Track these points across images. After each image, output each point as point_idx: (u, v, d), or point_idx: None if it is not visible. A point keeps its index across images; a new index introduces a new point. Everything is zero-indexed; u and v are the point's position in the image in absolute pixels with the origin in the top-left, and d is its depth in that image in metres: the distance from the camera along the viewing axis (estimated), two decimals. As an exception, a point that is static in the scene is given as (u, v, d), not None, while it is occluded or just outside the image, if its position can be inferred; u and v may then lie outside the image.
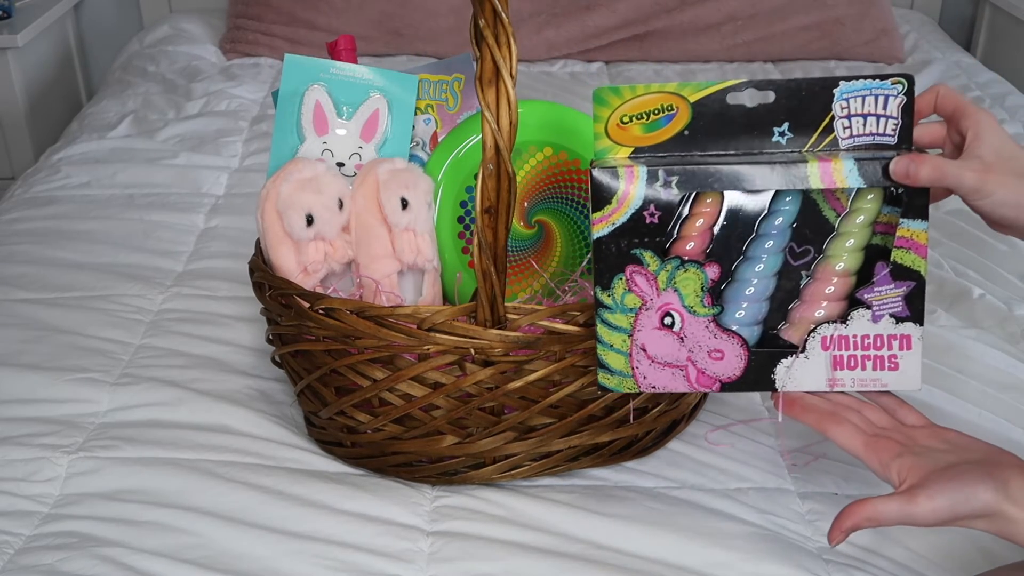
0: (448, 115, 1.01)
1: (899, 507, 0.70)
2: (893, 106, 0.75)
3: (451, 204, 0.94)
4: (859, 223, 0.77)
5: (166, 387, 1.02)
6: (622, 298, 0.77)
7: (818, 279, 0.78)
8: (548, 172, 0.95)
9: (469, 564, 0.82)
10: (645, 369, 0.79)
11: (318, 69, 0.96)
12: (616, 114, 0.77)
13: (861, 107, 0.75)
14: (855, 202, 0.77)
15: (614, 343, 0.78)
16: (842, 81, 0.75)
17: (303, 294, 0.87)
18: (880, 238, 0.77)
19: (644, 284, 0.77)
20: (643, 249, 0.76)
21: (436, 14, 2.06)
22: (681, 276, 0.77)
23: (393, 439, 0.90)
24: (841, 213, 0.77)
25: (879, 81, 0.75)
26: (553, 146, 0.94)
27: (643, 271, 0.77)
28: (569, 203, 0.96)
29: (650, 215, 0.76)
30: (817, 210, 0.77)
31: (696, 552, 0.84)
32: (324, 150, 0.96)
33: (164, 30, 2.15)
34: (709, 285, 0.77)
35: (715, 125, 0.77)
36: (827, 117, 0.76)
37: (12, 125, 2.04)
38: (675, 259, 0.77)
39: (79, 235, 1.35)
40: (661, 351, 0.78)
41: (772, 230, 0.78)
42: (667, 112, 0.77)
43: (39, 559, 0.81)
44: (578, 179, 0.95)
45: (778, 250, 0.78)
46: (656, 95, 0.77)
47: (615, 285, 0.77)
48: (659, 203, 0.75)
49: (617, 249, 0.76)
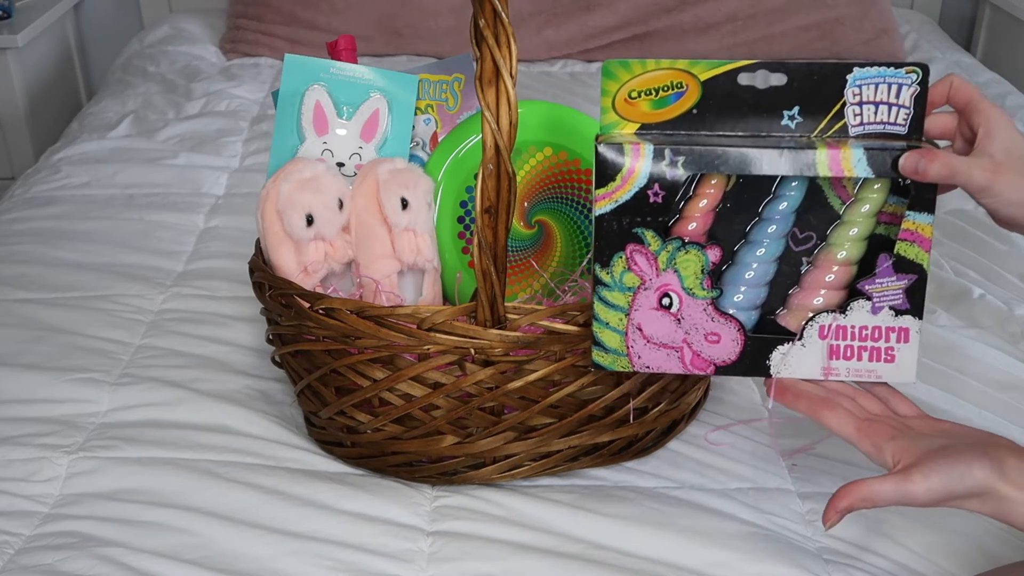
0: (448, 115, 1.01)
1: (894, 486, 0.69)
2: (906, 95, 0.74)
3: (451, 204, 0.94)
4: (864, 212, 0.76)
5: (166, 387, 1.02)
6: (621, 276, 0.76)
7: (819, 266, 0.78)
8: (548, 172, 0.95)
9: (469, 564, 0.82)
10: (640, 349, 0.78)
11: (318, 69, 0.96)
12: (624, 89, 0.76)
13: (874, 95, 0.74)
14: (861, 191, 0.76)
15: (610, 321, 0.78)
16: (856, 67, 0.74)
17: (303, 294, 0.87)
18: (884, 228, 0.76)
19: (644, 263, 0.76)
20: (645, 228, 0.75)
21: (436, 14, 2.06)
22: (682, 257, 0.76)
23: (393, 439, 0.90)
24: (847, 201, 0.76)
25: (894, 69, 0.74)
26: (553, 146, 0.94)
27: (643, 250, 0.76)
28: (569, 203, 0.96)
29: (654, 194, 0.74)
30: (823, 197, 0.77)
31: (696, 552, 0.84)
32: (324, 150, 0.96)
33: (164, 30, 2.15)
34: (710, 268, 0.76)
35: (725, 105, 0.75)
36: (839, 103, 0.75)
37: (12, 125, 2.04)
38: (676, 240, 0.76)
39: (79, 235, 1.35)
40: (657, 332, 0.78)
41: (776, 215, 0.77)
42: (676, 89, 0.75)
43: (39, 559, 0.81)
44: (578, 179, 0.95)
45: (780, 235, 0.77)
46: (667, 71, 0.75)
47: (614, 263, 0.76)
48: (664, 182, 0.74)
49: (619, 227, 0.75)
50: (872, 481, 0.70)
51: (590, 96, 1.87)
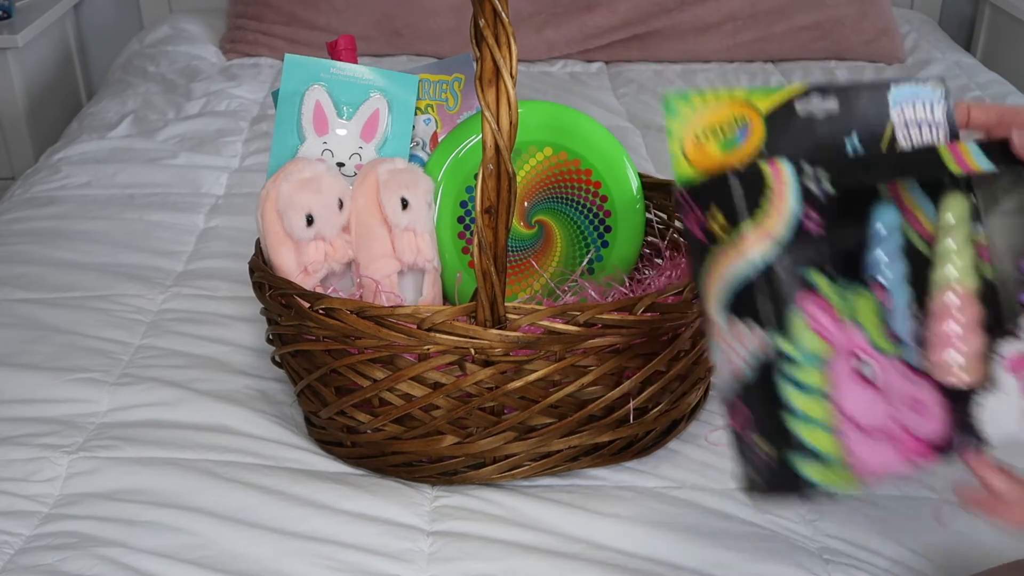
0: (448, 115, 1.01)
1: None
2: (940, 112, 0.70)
3: (451, 204, 0.94)
4: (957, 243, 0.64)
5: (166, 387, 1.02)
6: (805, 343, 0.57)
7: (937, 314, 0.63)
8: (548, 172, 0.95)
9: (469, 564, 0.82)
10: (858, 446, 0.58)
11: (318, 69, 0.96)
12: (689, 132, 0.65)
13: (914, 114, 0.69)
14: (940, 226, 0.65)
15: (811, 412, 0.57)
16: (893, 85, 0.69)
17: (303, 294, 0.87)
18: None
19: (826, 319, 0.58)
20: (812, 268, 0.58)
21: (436, 14, 2.06)
22: (857, 302, 0.60)
23: (393, 439, 0.90)
24: (928, 238, 0.64)
25: (923, 86, 0.70)
26: (553, 146, 0.94)
27: (820, 300, 0.58)
28: (569, 203, 0.96)
29: (811, 220, 0.59)
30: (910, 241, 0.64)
31: (696, 552, 0.84)
32: (324, 150, 0.96)
33: (164, 30, 2.15)
34: (885, 313, 0.60)
35: (792, 138, 0.67)
36: (888, 127, 0.69)
37: (12, 125, 2.04)
38: (843, 279, 0.59)
39: (79, 235, 1.35)
40: (867, 415, 0.58)
41: (882, 258, 0.63)
42: (740, 125, 0.66)
43: (39, 559, 0.81)
44: (578, 179, 0.96)
45: (900, 280, 0.63)
46: (726, 104, 0.66)
47: (792, 325, 0.57)
48: (817, 203, 0.59)
49: (786, 273, 0.58)
50: None
51: (590, 96, 1.87)
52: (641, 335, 0.85)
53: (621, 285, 0.99)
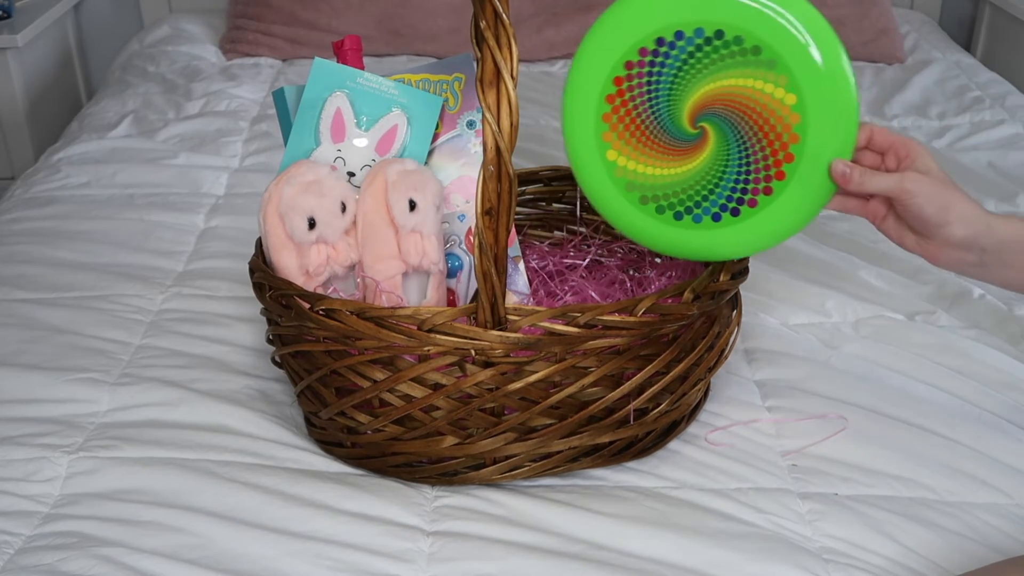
0: (448, 115, 1.01)
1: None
2: None
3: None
4: None
5: (166, 387, 1.02)
6: None
7: None
8: (747, 90, 0.88)
9: (469, 564, 0.82)
10: None
11: (345, 76, 0.95)
12: None
13: None
14: None
15: None
16: None
17: (303, 295, 0.87)
18: None
19: None
20: None
21: (436, 14, 2.06)
22: None
23: (393, 440, 0.90)
24: None
25: None
26: (779, 69, 0.88)
27: None
28: (747, 126, 0.88)
29: None
30: None
31: (696, 552, 0.84)
32: (337, 158, 0.95)
33: (164, 30, 2.15)
34: None
35: None
36: None
37: (12, 125, 2.03)
38: None
39: (79, 235, 1.35)
40: None
41: None
42: None
43: (39, 559, 0.81)
44: (773, 112, 0.88)
45: None
46: None
47: None
48: None
49: None
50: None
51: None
52: (641, 336, 0.85)
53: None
